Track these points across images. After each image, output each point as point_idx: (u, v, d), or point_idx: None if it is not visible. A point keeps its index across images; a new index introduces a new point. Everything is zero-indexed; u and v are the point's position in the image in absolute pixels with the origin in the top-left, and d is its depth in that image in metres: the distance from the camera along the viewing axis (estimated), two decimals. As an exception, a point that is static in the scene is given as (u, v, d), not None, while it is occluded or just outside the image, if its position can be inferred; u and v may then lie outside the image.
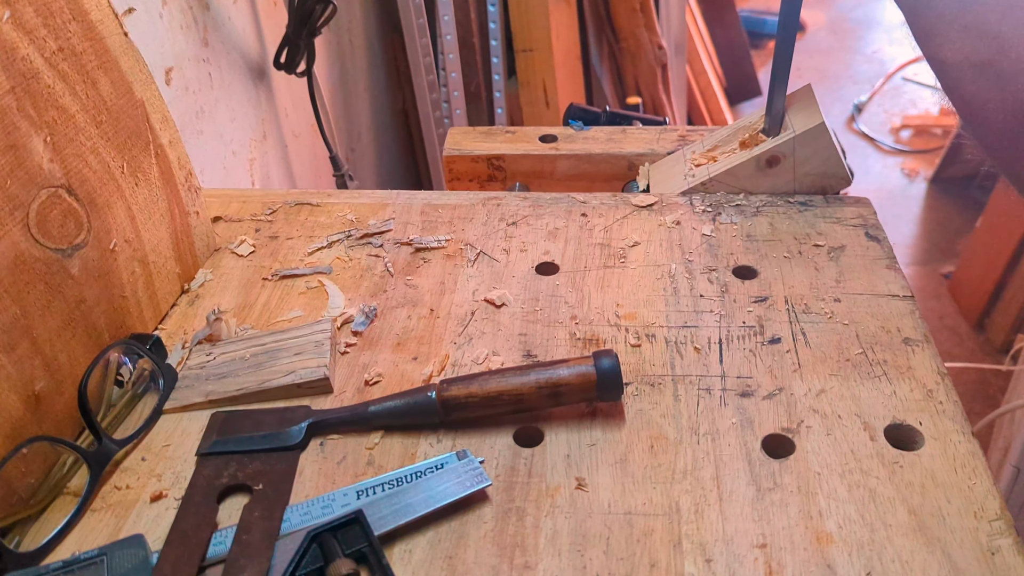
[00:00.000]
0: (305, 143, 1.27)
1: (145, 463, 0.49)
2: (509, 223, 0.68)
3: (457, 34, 1.64)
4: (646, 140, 0.80)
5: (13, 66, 0.46)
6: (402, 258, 0.64)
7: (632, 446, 0.47)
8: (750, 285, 0.59)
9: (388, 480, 0.45)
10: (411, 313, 0.59)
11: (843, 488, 0.44)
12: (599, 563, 0.41)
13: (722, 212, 0.67)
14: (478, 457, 0.46)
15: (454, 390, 0.48)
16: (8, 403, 0.44)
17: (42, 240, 0.47)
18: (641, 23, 1.84)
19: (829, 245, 0.63)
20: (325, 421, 0.49)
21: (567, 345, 0.55)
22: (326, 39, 1.37)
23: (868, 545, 0.41)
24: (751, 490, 0.44)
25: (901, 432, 0.48)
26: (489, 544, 0.42)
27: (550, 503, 0.44)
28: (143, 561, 0.41)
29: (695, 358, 0.53)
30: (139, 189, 0.57)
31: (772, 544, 0.42)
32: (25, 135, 0.46)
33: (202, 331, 0.57)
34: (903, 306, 0.56)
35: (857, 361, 0.52)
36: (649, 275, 0.61)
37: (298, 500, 0.45)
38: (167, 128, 0.61)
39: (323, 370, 0.52)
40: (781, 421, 0.48)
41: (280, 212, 0.71)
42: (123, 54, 0.56)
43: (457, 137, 0.83)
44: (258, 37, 1.10)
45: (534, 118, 1.76)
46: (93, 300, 0.51)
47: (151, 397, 0.53)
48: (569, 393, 0.48)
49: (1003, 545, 0.41)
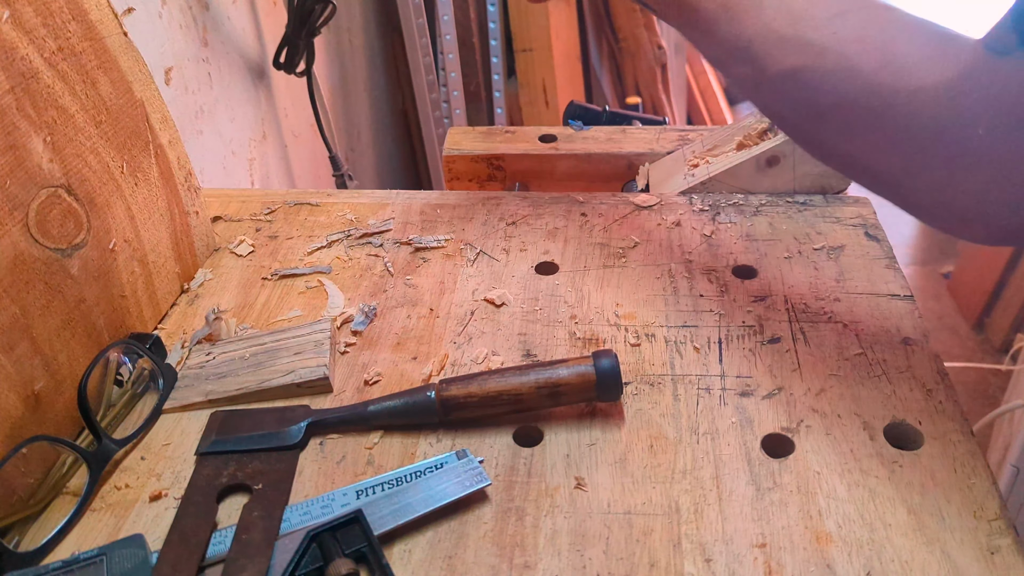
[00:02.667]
0: (305, 143, 1.27)
1: (145, 463, 0.49)
2: (509, 223, 0.68)
3: (457, 34, 1.64)
4: (646, 140, 0.80)
5: (12, 66, 0.46)
6: (402, 258, 0.64)
7: (631, 446, 0.47)
8: (750, 285, 0.59)
9: (388, 480, 0.45)
10: (411, 313, 0.59)
11: (843, 487, 0.44)
12: (599, 563, 0.41)
13: (722, 212, 0.67)
14: (477, 457, 0.46)
15: (453, 390, 0.48)
16: (8, 403, 0.44)
17: (41, 240, 0.47)
18: (641, 23, 1.84)
19: (829, 245, 0.63)
20: (325, 421, 0.49)
21: (567, 345, 0.55)
22: (326, 39, 1.37)
23: (867, 544, 0.41)
24: (751, 490, 0.44)
25: (901, 432, 0.48)
26: (489, 544, 0.42)
27: (550, 503, 0.44)
28: (143, 561, 0.41)
29: (695, 358, 0.53)
30: (139, 189, 0.57)
31: (772, 544, 0.42)
32: (24, 135, 0.46)
33: (202, 331, 0.57)
34: (903, 306, 0.56)
35: (857, 361, 0.52)
36: (649, 275, 0.61)
37: (298, 500, 0.45)
38: (167, 128, 0.61)
39: (323, 370, 0.52)
40: (781, 421, 0.48)
41: (280, 212, 0.71)
42: (123, 54, 0.56)
43: (457, 137, 0.83)
44: (257, 37, 1.10)
45: (534, 118, 1.76)
46: (93, 300, 0.51)
47: (151, 397, 0.53)
48: (568, 393, 0.48)
49: (1003, 545, 0.41)
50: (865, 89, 0.43)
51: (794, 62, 0.45)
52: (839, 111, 0.45)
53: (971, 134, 0.39)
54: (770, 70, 0.47)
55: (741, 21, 0.47)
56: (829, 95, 0.45)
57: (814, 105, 0.46)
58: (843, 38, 0.44)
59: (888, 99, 0.42)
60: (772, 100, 0.49)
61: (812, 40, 0.45)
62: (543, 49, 1.70)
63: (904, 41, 0.43)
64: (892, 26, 0.44)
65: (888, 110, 0.42)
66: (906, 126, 0.42)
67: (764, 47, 0.47)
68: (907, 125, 0.42)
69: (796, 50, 0.45)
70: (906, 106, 0.42)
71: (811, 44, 0.45)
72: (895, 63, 0.42)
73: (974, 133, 0.39)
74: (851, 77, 0.43)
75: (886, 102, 0.42)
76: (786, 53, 0.46)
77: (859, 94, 0.43)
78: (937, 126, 0.41)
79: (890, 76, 0.42)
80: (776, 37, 0.46)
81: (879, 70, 0.43)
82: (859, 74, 0.43)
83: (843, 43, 0.44)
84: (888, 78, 0.42)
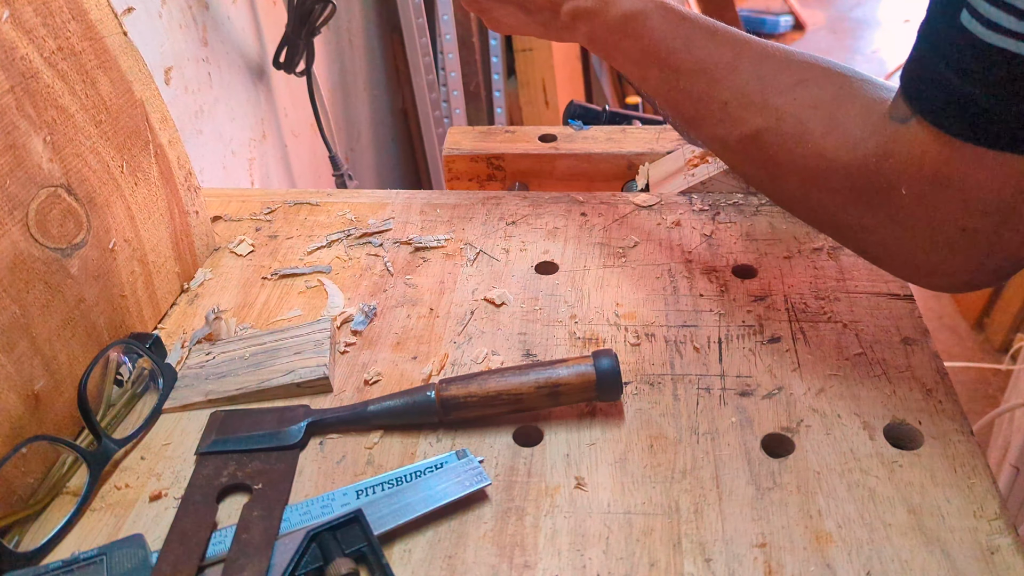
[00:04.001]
0: (304, 143, 1.27)
1: (144, 462, 0.49)
2: (508, 222, 0.68)
3: (456, 33, 1.64)
4: (646, 139, 0.80)
5: (12, 65, 0.46)
6: (401, 257, 0.64)
7: (631, 445, 0.47)
8: (750, 284, 0.59)
9: (387, 479, 0.45)
10: (410, 312, 0.59)
11: (842, 487, 0.44)
12: (599, 562, 0.41)
13: (721, 211, 0.67)
14: (477, 456, 0.46)
15: (453, 389, 0.48)
16: (7, 402, 0.44)
17: (41, 240, 0.47)
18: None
19: (828, 244, 0.63)
20: (324, 420, 0.49)
21: (566, 344, 0.55)
22: (325, 38, 1.37)
23: (867, 544, 0.41)
24: (750, 489, 0.44)
25: (900, 431, 0.48)
26: (488, 543, 0.42)
27: (549, 502, 0.44)
28: (143, 561, 0.41)
29: (695, 357, 0.53)
30: (138, 189, 0.57)
31: (771, 543, 0.42)
32: (24, 135, 0.46)
33: (201, 330, 0.57)
34: (902, 305, 0.56)
35: (856, 360, 0.52)
36: (649, 274, 0.61)
37: (297, 499, 0.45)
38: (167, 128, 0.61)
39: (323, 369, 0.52)
40: (780, 420, 0.48)
41: (279, 211, 0.71)
42: (122, 54, 0.56)
43: (456, 136, 0.83)
44: (257, 36, 1.10)
45: (533, 117, 1.77)
46: (92, 299, 0.51)
47: (150, 396, 0.53)
48: (568, 393, 0.48)
49: (1002, 544, 0.41)
50: (814, 152, 0.46)
51: (758, 124, 0.48)
52: (794, 172, 0.48)
53: (896, 196, 0.42)
54: (736, 131, 0.50)
55: (719, 83, 0.50)
56: (785, 156, 0.48)
57: (773, 165, 0.49)
58: (801, 104, 0.47)
59: (832, 162, 0.45)
60: (738, 160, 0.53)
61: (775, 105, 0.48)
62: (543, 49, 1.70)
63: (850, 106, 0.46)
64: (843, 92, 0.46)
65: (832, 173, 0.45)
66: (849, 187, 0.45)
67: (736, 110, 0.50)
68: (850, 186, 0.45)
69: (760, 113, 0.48)
70: (845, 169, 0.45)
71: (774, 108, 0.48)
72: (839, 129, 0.45)
73: (898, 195, 0.42)
74: (803, 141, 0.46)
75: (831, 166, 0.45)
76: (752, 115, 0.49)
77: (808, 156, 0.46)
78: (871, 188, 0.44)
79: (834, 140, 0.45)
80: (747, 101, 0.49)
81: (826, 135, 0.45)
82: (810, 138, 0.46)
83: (800, 108, 0.47)
84: (832, 142, 0.45)
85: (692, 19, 0.53)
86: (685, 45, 0.52)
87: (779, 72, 0.49)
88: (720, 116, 0.51)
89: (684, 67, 0.52)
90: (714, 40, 0.51)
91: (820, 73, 0.48)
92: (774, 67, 0.49)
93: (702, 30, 0.52)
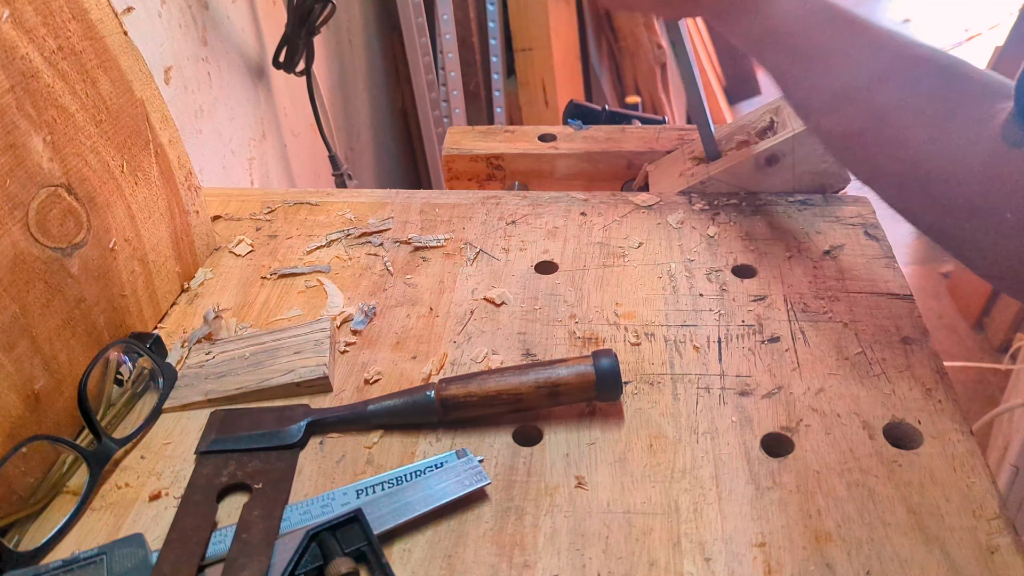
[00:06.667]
0: (304, 142, 1.27)
1: (144, 462, 0.49)
2: (508, 222, 0.68)
3: (456, 33, 1.64)
4: (645, 139, 0.80)
5: (12, 65, 0.46)
6: (401, 257, 0.64)
7: (631, 445, 0.47)
8: (749, 284, 0.59)
9: (387, 479, 0.45)
10: (410, 312, 0.59)
11: (842, 487, 0.44)
12: (598, 562, 0.41)
13: (721, 211, 0.67)
14: (477, 456, 0.46)
15: (453, 389, 0.48)
16: (8, 402, 0.44)
17: (41, 239, 0.47)
18: (640, 22, 1.84)
19: (828, 244, 0.63)
20: (324, 420, 0.49)
21: (566, 344, 0.55)
22: (325, 38, 1.37)
23: (867, 544, 0.41)
24: (750, 489, 0.45)
25: (900, 431, 0.48)
26: (488, 543, 0.42)
27: (549, 502, 0.44)
28: (143, 560, 0.41)
29: (694, 357, 0.53)
30: (139, 188, 0.57)
31: (771, 543, 0.42)
32: (24, 134, 0.46)
33: (201, 330, 0.57)
34: (902, 305, 0.57)
35: (856, 360, 0.52)
36: (648, 274, 0.61)
37: (297, 499, 0.45)
38: (167, 127, 0.61)
39: (322, 369, 0.52)
40: (780, 420, 0.49)
41: (279, 211, 0.71)
42: (123, 53, 0.55)
43: (456, 136, 0.83)
44: (257, 36, 1.10)
45: (533, 117, 1.76)
46: (93, 299, 0.51)
47: (151, 396, 0.53)
48: (568, 392, 0.48)
49: (1002, 544, 0.41)
50: (914, 158, 0.46)
51: (861, 124, 0.49)
52: (893, 175, 0.48)
53: (1001, 218, 0.42)
54: (840, 127, 0.50)
55: (830, 72, 0.50)
56: (885, 160, 0.48)
57: (873, 166, 0.50)
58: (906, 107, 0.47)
59: (931, 172, 0.45)
60: (841, 154, 0.54)
61: (880, 104, 0.48)
62: (543, 48, 1.70)
63: (958, 114, 0.45)
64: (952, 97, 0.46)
65: (930, 183, 0.45)
66: (948, 198, 0.45)
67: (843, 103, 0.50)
68: (949, 195, 0.45)
69: (866, 112, 0.49)
70: (945, 183, 0.44)
71: (879, 108, 0.48)
72: (943, 139, 0.45)
73: (1003, 217, 0.42)
74: (904, 146, 0.46)
75: (929, 175, 0.45)
76: (857, 112, 0.49)
77: (907, 162, 0.46)
78: (971, 205, 0.43)
79: (936, 150, 0.45)
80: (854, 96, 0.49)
81: (928, 142, 0.45)
82: (911, 144, 0.46)
83: (904, 112, 0.47)
84: (934, 151, 0.45)
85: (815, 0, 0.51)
86: (804, 28, 0.51)
87: (890, 68, 0.48)
88: (828, 108, 0.50)
89: (800, 52, 0.51)
90: (833, 25, 0.50)
91: (933, 71, 0.47)
92: (887, 61, 0.48)
93: (824, 13, 0.51)
